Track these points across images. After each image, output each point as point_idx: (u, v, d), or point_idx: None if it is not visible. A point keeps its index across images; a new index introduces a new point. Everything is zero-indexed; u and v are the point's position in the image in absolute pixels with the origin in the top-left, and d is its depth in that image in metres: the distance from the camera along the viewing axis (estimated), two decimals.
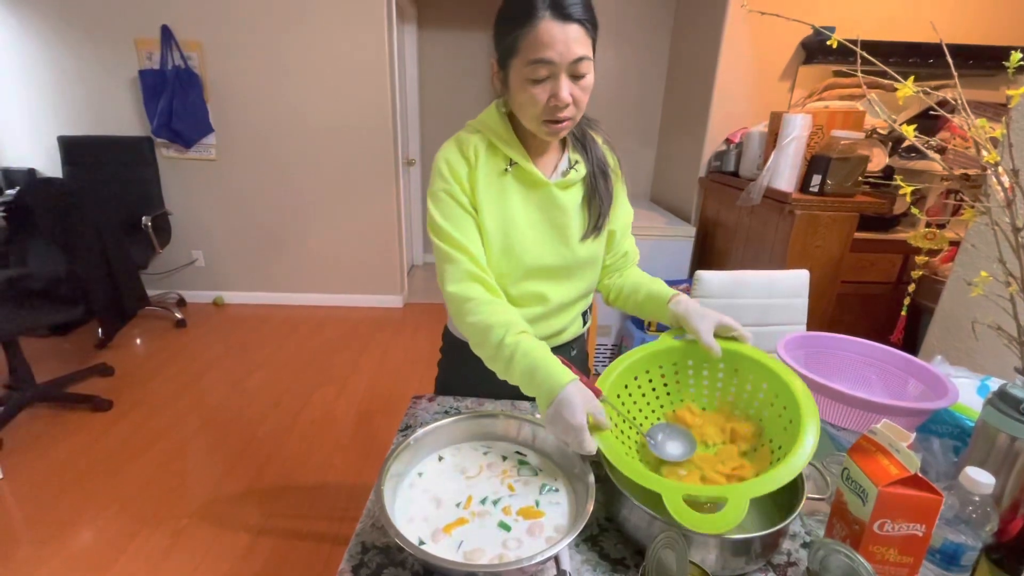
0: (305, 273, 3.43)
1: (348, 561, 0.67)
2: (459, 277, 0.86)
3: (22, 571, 1.48)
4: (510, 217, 0.90)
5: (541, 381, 0.74)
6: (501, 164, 0.89)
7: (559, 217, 0.92)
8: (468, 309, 0.84)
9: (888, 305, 2.11)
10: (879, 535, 0.58)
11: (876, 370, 1.03)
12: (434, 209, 0.89)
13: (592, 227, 0.94)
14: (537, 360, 0.76)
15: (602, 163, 0.95)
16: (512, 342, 0.79)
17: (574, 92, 0.79)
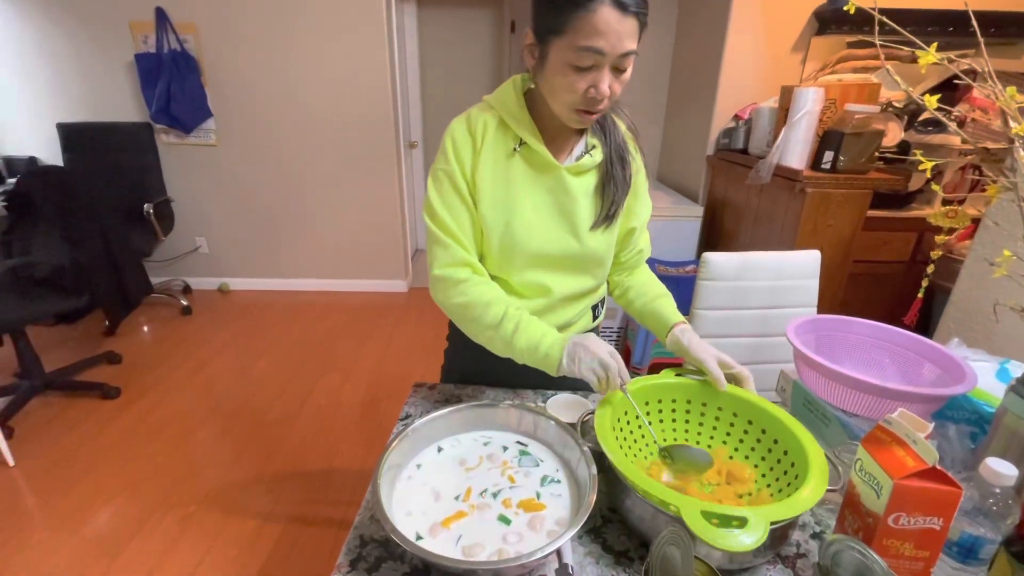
0: (309, 259, 3.42)
1: (346, 555, 0.65)
2: (448, 261, 0.85)
3: (37, 556, 1.50)
4: (514, 201, 0.85)
5: (552, 341, 0.79)
6: (511, 144, 0.85)
7: (568, 204, 0.87)
8: (460, 290, 0.84)
9: (901, 285, 2.06)
10: (894, 529, 0.56)
11: (890, 354, 0.99)
12: (432, 189, 0.86)
13: (604, 216, 0.89)
14: (543, 328, 0.80)
15: (621, 149, 0.90)
16: (515, 315, 0.81)
17: (613, 86, 0.75)
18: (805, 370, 0.91)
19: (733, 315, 1.23)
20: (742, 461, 0.79)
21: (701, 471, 0.75)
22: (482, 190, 0.85)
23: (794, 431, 0.73)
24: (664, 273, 2.28)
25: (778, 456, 0.75)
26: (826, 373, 0.84)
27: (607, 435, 0.70)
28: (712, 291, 1.21)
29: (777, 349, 1.23)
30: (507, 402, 0.82)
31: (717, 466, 0.79)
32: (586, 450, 0.72)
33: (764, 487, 0.74)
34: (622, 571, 0.65)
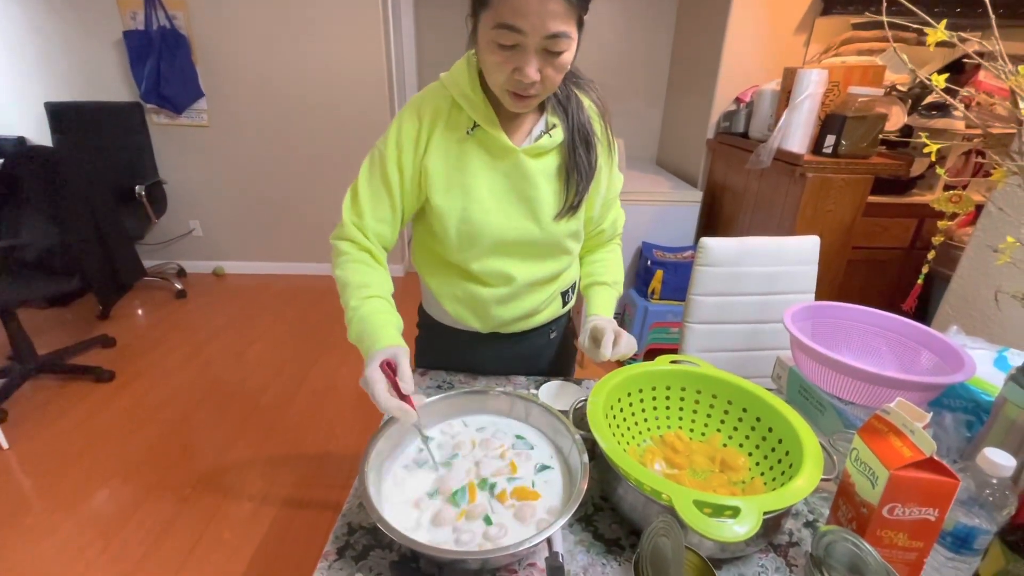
0: (304, 242, 3.39)
1: (333, 543, 0.65)
2: (338, 233, 0.84)
3: (33, 537, 1.50)
4: (470, 186, 0.81)
5: (364, 352, 0.74)
6: (464, 126, 0.81)
7: (527, 189, 0.82)
8: (338, 263, 0.83)
9: (900, 272, 2.04)
10: (888, 519, 0.55)
11: (887, 341, 0.98)
12: (365, 165, 0.84)
13: (568, 206, 0.85)
14: (367, 326, 0.76)
15: (585, 130, 0.83)
16: (356, 305, 0.78)
17: (545, 70, 0.69)
18: (801, 357, 0.90)
19: (730, 301, 1.22)
20: (736, 449, 0.78)
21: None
22: (434, 177, 0.82)
23: (789, 419, 0.72)
24: (661, 258, 2.27)
25: (772, 444, 0.74)
26: (822, 360, 0.83)
27: (600, 423, 0.69)
28: (709, 277, 1.19)
29: (774, 336, 1.22)
30: (499, 389, 0.81)
31: (711, 454, 0.78)
32: (578, 438, 0.71)
33: (757, 475, 0.73)
34: (613, 559, 0.64)
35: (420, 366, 1.04)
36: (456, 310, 0.92)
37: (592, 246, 1.01)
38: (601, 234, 0.99)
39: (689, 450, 0.78)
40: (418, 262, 0.96)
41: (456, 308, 0.92)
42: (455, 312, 0.92)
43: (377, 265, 0.84)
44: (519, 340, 0.98)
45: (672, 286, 2.24)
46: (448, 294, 0.92)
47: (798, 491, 0.59)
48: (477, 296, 0.89)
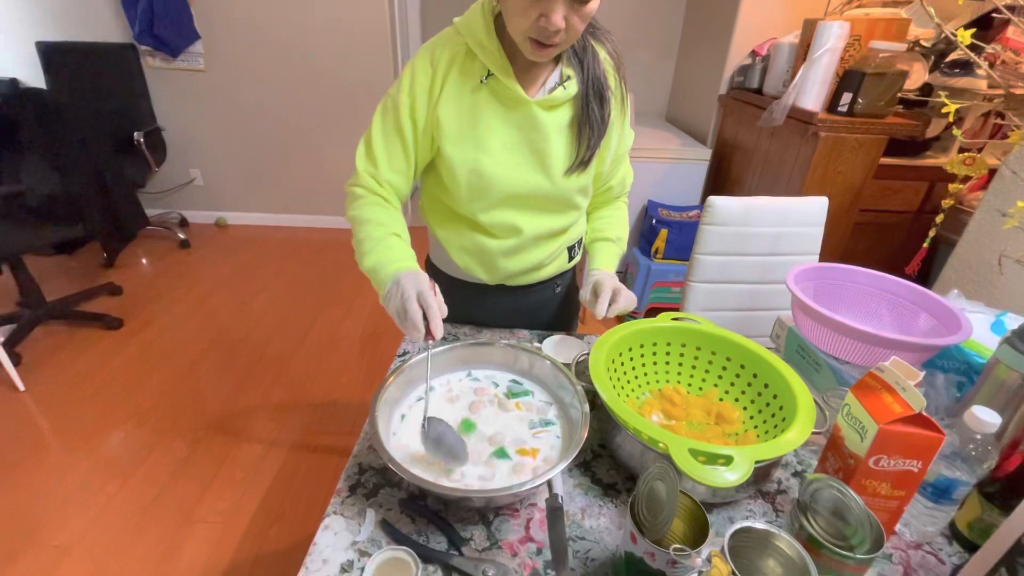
0: (307, 194, 3.36)
1: (346, 481, 0.68)
2: (354, 181, 0.84)
3: (55, 475, 1.58)
4: (482, 137, 0.81)
5: (389, 272, 0.74)
6: (478, 75, 0.79)
7: (539, 141, 0.82)
8: (355, 206, 0.83)
9: (906, 236, 2.03)
10: (874, 470, 0.58)
11: (887, 303, 0.99)
12: (377, 114, 0.83)
13: (578, 161, 0.84)
14: (394, 255, 0.77)
15: (599, 83, 0.82)
16: (379, 235, 0.79)
17: (571, 19, 0.67)
18: (802, 317, 0.92)
19: (734, 261, 1.22)
20: (732, 403, 0.81)
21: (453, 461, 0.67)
22: (446, 127, 0.81)
23: (785, 376, 0.74)
24: (667, 217, 2.25)
25: (767, 400, 0.76)
26: (822, 321, 0.84)
27: (601, 374, 0.71)
28: (715, 236, 1.19)
29: (775, 296, 1.23)
30: (503, 341, 0.82)
31: (707, 407, 0.81)
32: (579, 389, 0.73)
33: (751, 428, 0.76)
34: (609, 502, 0.68)
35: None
36: (463, 261, 0.93)
37: (599, 203, 1.01)
38: (609, 191, 0.99)
39: (686, 403, 0.81)
40: (427, 212, 0.96)
41: (463, 259, 0.93)
42: (462, 263, 0.93)
43: (392, 209, 0.85)
44: (525, 293, 1.00)
45: (676, 246, 2.23)
46: (456, 245, 0.93)
47: (790, 442, 0.62)
48: (484, 247, 0.90)
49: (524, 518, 0.65)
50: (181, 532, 1.42)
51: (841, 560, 0.51)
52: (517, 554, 0.60)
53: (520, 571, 0.58)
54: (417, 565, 0.57)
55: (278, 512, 1.49)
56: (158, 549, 1.37)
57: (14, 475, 1.57)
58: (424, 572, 0.57)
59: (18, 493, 1.51)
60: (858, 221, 1.89)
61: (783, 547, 0.52)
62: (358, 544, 0.60)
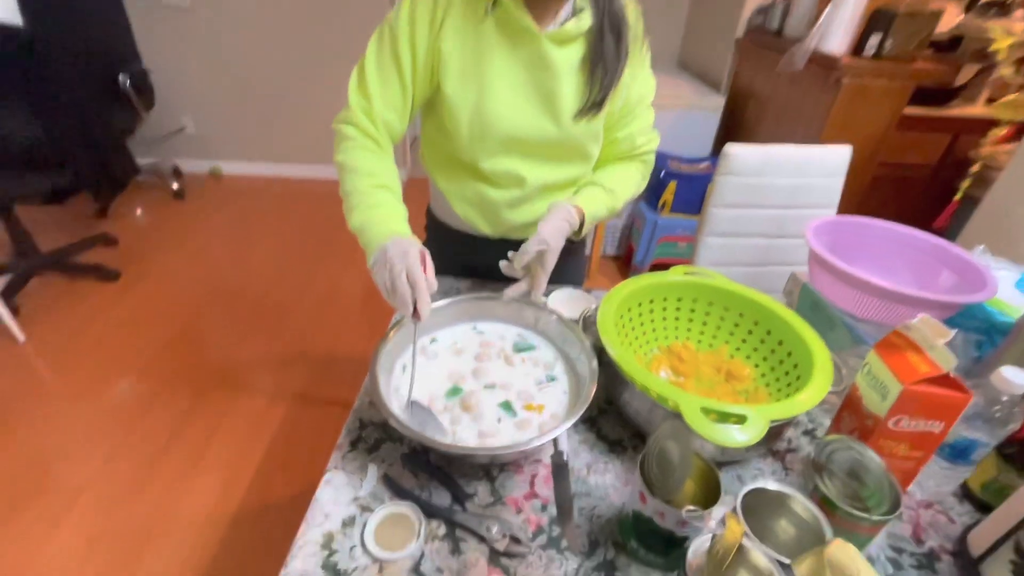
0: (303, 142, 3.24)
1: (347, 436, 0.67)
2: (343, 118, 0.77)
3: (61, 424, 1.59)
4: (485, 76, 0.74)
5: (375, 234, 0.69)
6: (484, 1, 0.72)
7: (548, 82, 0.75)
8: (342, 148, 0.77)
9: (924, 190, 1.96)
10: (892, 431, 0.55)
11: (906, 259, 0.95)
12: (373, 44, 0.76)
13: (590, 103, 0.77)
14: (382, 215, 0.71)
15: (616, 17, 0.74)
16: (364, 190, 0.73)
17: None
18: (818, 272, 0.88)
19: (748, 214, 1.17)
20: (743, 360, 0.78)
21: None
22: (448, 62, 0.74)
23: (801, 334, 0.71)
24: (676, 169, 2.17)
25: (780, 357, 0.74)
26: (841, 276, 0.80)
27: (609, 330, 0.68)
28: (730, 187, 1.14)
29: (789, 251, 1.19)
30: (508, 296, 0.79)
31: (717, 364, 0.78)
32: (587, 344, 0.70)
33: (762, 386, 0.74)
34: (615, 458, 0.66)
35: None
36: (465, 212, 0.89)
37: (604, 159, 0.91)
38: (615, 144, 0.88)
39: (695, 360, 0.79)
40: (427, 160, 0.91)
41: (465, 210, 0.88)
42: (464, 214, 0.89)
43: (384, 155, 0.78)
44: None
45: (684, 199, 2.16)
46: (457, 194, 0.88)
47: (805, 402, 0.59)
48: (487, 198, 0.85)
49: (528, 474, 0.64)
50: (188, 480, 1.44)
51: (855, 521, 0.50)
52: (521, 510, 0.59)
53: (524, 527, 0.57)
54: (420, 521, 0.56)
55: (282, 462, 1.51)
56: (166, 496, 1.40)
57: (21, 423, 1.58)
58: (427, 527, 0.56)
59: (26, 440, 1.53)
60: (876, 175, 1.82)
61: (796, 508, 0.50)
62: (360, 499, 0.59)
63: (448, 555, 0.54)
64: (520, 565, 0.54)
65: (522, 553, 0.54)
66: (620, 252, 2.58)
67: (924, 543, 0.58)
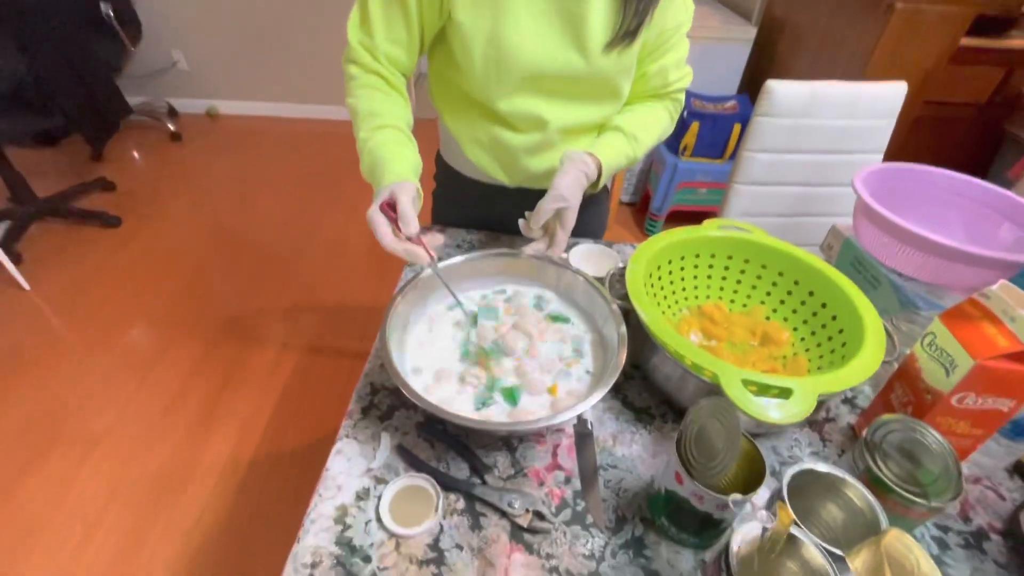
0: (303, 81, 3.07)
1: (357, 402, 0.63)
2: (347, 56, 0.71)
3: (75, 372, 1.59)
4: (502, 2, 0.65)
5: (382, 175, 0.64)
6: None
7: (574, 6, 0.65)
8: (348, 89, 0.71)
9: (968, 132, 1.82)
10: (955, 408, 0.50)
11: (961, 210, 0.87)
12: None
13: (624, 31, 0.67)
14: (375, 159, 0.65)
15: None
16: (364, 137, 0.67)
17: None
18: (865, 225, 0.80)
19: (788, 159, 1.07)
20: (780, 323, 0.73)
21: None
22: None
23: (850, 295, 0.65)
24: (699, 109, 2.02)
25: (823, 320, 0.68)
26: (893, 231, 0.73)
27: (639, 292, 0.62)
28: (769, 129, 1.03)
29: (830, 201, 1.10)
30: (527, 251, 0.72)
31: (751, 327, 0.73)
32: (615, 307, 0.65)
33: (802, 351, 0.69)
34: (642, 427, 0.62)
35: (437, 222, 0.96)
36: (479, 158, 0.80)
37: (631, 96, 0.80)
38: (644, 80, 0.78)
39: (728, 322, 0.73)
40: (436, 98, 0.82)
41: (479, 156, 0.80)
42: (478, 160, 0.81)
43: (390, 90, 0.71)
44: None
45: (707, 141, 2.03)
46: (470, 139, 0.79)
47: (858, 373, 0.54)
48: (504, 143, 0.77)
49: (551, 444, 0.60)
50: (203, 430, 1.45)
51: (910, 506, 0.46)
52: (544, 483, 0.56)
53: (548, 501, 0.54)
54: (438, 494, 0.53)
55: (295, 413, 1.51)
56: (183, 444, 1.41)
57: (35, 372, 1.59)
58: (445, 501, 0.53)
59: (42, 389, 1.54)
60: (919, 115, 1.68)
61: (847, 492, 0.46)
62: (373, 471, 0.56)
63: (468, 531, 0.51)
64: (544, 542, 0.51)
65: (546, 529, 0.52)
66: (636, 199, 2.47)
67: (971, 521, 0.55)
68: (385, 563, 0.48)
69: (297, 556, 0.48)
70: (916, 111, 1.65)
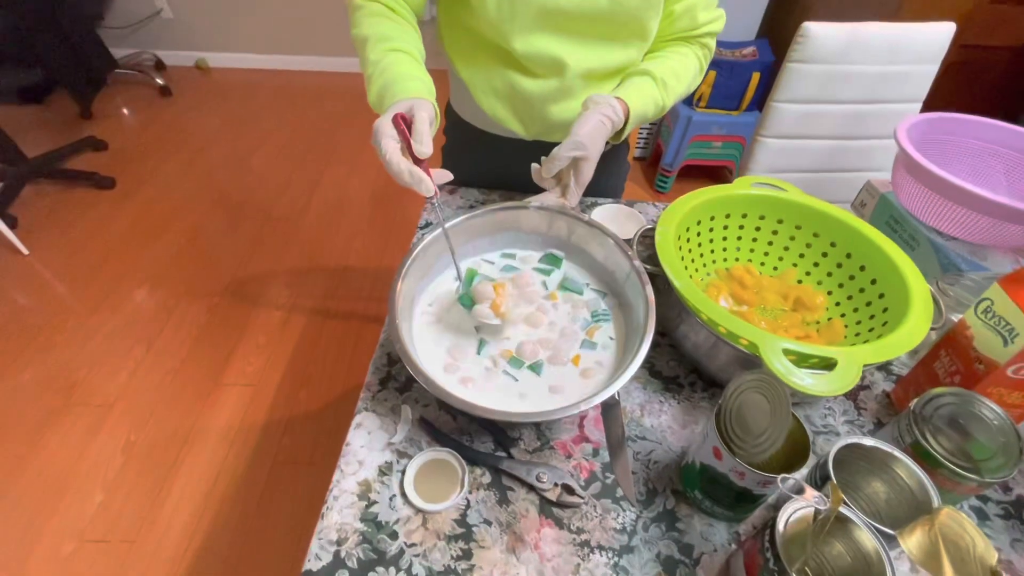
0: (296, 30, 2.91)
1: (374, 374, 0.61)
2: None
3: (80, 338, 1.58)
4: None
5: (392, 95, 0.57)
6: None
7: None
8: (354, 20, 0.65)
9: (1002, 77, 1.72)
10: (1010, 378, 0.48)
11: (1007, 163, 0.82)
12: None
13: None
14: (388, 78, 0.58)
15: None
16: (376, 58, 0.60)
17: None
18: (906, 181, 0.75)
19: (821, 110, 1.00)
20: (814, 287, 0.69)
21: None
22: None
23: (892, 258, 0.61)
24: (716, 56, 1.91)
25: (862, 284, 0.64)
26: (939, 187, 0.68)
27: (672, 257, 0.59)
28: (803, 77, 0.95)
29: (864, 155, 1.03)
30: (534, 203, 0.67)
31: (783, 291, 0.70)
32: (637, 264, 0.61)
33: (837, 316, 0.66)
34: (671, 397, 0.60)
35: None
36: (494, 108, 0.75)
37: (658, 39, 0.74)
38: (670, 20, 0.71)
39: (759, 286, 0.70)
40: (445, 42, 0.75)
41: (494, 106, 0.74)
42: (492, 111, 0.75)
43: (400, 19, 0.64)
44: None
45: (723, 92, 1.94)
46: (484, 86, 0.73)
47: (904, 341, 0.51)
48: (520, 90, 0.71)
49: (577, 416, 0.58)
50: (214, 394, 1.45)
51: (960, 481, 0.44)
52: (571, 455, 0.54)
53: (576, 474, 0.53)
54: (463, 468, 0.51)
55: (304, 377, 1.50)
56: (194, 409, 1.42)
57: (40, 337, 1.57)
58: (471, 475, 0.52)
59: (50, 354, 1.53)
60: (953, 60, 1.57)
61: (894, 466, 0.44)
62: (395, 445, 0.54)
63: (495, 505, 0.50)
64: (574, 516, 0.50)
65: (576, 504, 0.50)
66: (647, 153, 2.38)
67: (1011, 490, 0.53)
68: (412, 539, 0.47)
69: (323, 533, 0.47)
70: (949, 56, 1.55)
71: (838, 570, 0.41)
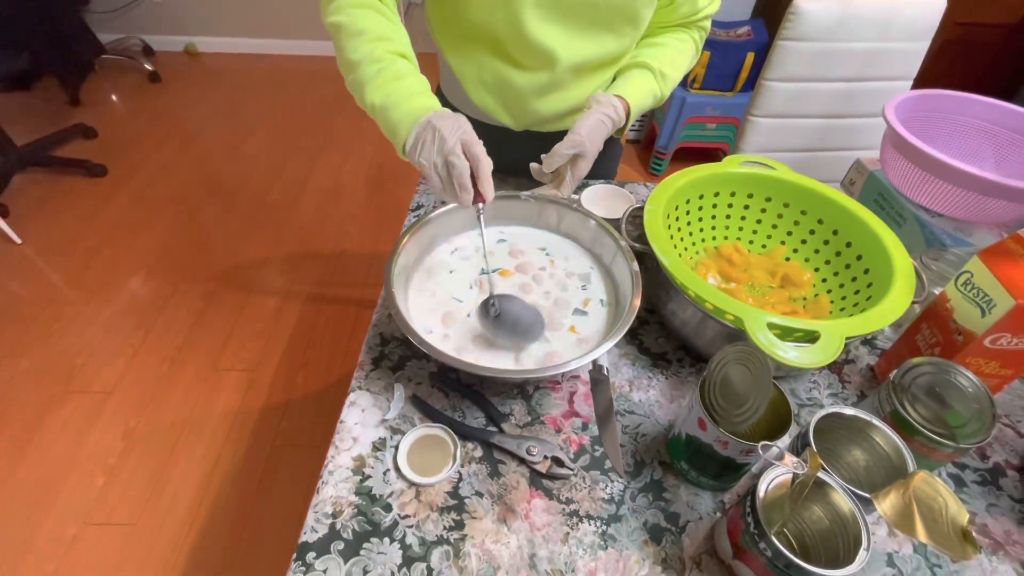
0: (287, 13, 2.87)
1: (367, 353, 0.61)
2: None
3: (75, 328, 1.58)
4: None
5: (408, 110, 0.55)
6: None
7: None
8: (335, 7, 0.60)
9: (995, 56, 1.72)
10: (988, 348, 0.49)
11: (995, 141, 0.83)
12: None
13: None
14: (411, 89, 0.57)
15: None
16: (380, 56, 0.58)
17: None
18: (894, 159, 0.76)
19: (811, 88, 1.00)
20: (801, 264, 0.70)
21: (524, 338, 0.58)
22: None
23: (877, 233, 0.62)
24: (711, 37, 1.89)
25: (847, 260, 0.65)
26: (927, 164, 0.69)
27: (660, 235, 0.59)
28: (794, 55, 0.95)
29: (853, 134, 1.04)
30: (527, 194, 0.68)
31: (771, 268, 0.70)
32: (624, 244, 0.62)
33: (823, 292, 0.67)
34: (659, 373, 0.61)
35: None
36: (484, 101, 0.75)
37: (655, 25, 0.74)
38: (671, 8, 0.71)
39: (747, 263, 0.71)
40: (436, 32, 0.75)
41: (484, 98, 0.74)
42: (483, 103, 0.75)
43: (392, 17, 0.62)
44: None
45: (717, 72, 1.92)
46: (473, 77, 0.73)
47: (886, 314, 0.52)
48: (509, 83, 0.71)
49: (567, 391, 0.59)
50: (212, 380, 1.46)
51: (936, 447, 0.45)
52: (561, 430, 0.56)
53: (566, 447, 0.54)
54: (455, 443, 0.52)
55: (302, 361, 1.52)
56: (192, 394, 1.43)
57: (37, 326, 1.58)
58: (463, 450, 0.53)
59: (47, 343, 1.54)
60: (947, 38, 1.57)
61: (873, 434, 0.46)
62: (388, 422, 0.55)
63: (487, 478, 0.51)
64: (563, 487, 0.51)
65: (565, 475, 0.51)
66: (641, 136, 2.37)
67: (988, 458, 0.55)
68: (406, 511, 0.48)
69: (318, 506, 0.48)
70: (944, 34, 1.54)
71: (816, 532, 0.43)
